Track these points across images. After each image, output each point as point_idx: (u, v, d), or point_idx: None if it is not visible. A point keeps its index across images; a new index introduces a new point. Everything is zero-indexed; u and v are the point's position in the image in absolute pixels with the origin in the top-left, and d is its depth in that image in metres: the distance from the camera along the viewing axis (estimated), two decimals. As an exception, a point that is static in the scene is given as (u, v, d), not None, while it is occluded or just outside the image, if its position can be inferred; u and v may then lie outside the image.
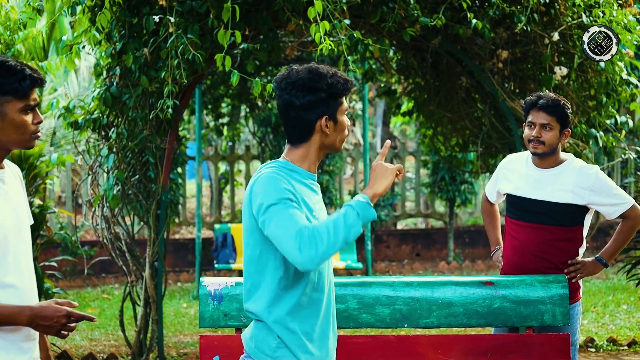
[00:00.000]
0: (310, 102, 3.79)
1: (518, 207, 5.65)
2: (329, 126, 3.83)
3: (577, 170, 5.60)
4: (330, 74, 3.83)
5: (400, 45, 9.45)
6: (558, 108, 5.57)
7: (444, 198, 15.40)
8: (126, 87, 8.25)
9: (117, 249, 8.62)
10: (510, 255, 5.63)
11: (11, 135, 3.67)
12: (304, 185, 3.84)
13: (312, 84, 3.79)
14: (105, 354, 9.13)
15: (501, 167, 5.89)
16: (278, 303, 3.78)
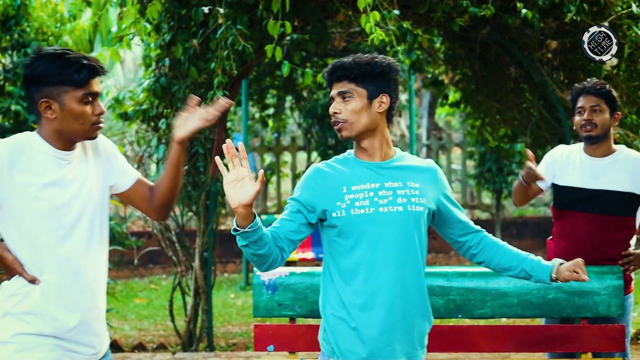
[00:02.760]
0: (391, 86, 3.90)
1: (572, 198, 5.59)
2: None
3: (633, 159, 5.56)
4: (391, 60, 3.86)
5: (448, 35, 9.42)
6: (605, 90, 5.55)
7: (490, 189, 15.33)
8: (175, 79, 8.29)
9: (167, 239, 8.67)
10: (564, 246, 5.58)
11: (71, 125, 3.72)
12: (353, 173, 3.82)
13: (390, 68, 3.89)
14: (154, 344, 9.19)
15: (551, 157, 5.80)
16: (327, 294, 3.82)
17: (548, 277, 4.02)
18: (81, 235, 3.77)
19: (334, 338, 3.79)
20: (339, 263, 3.77)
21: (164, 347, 9.02)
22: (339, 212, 3.73)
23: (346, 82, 3.78)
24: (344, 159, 3.88)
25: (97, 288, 3.83)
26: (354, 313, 3.74)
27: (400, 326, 3.80)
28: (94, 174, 3.88)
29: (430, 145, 16.94)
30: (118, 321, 10.56)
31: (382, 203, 3.74)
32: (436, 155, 16.97)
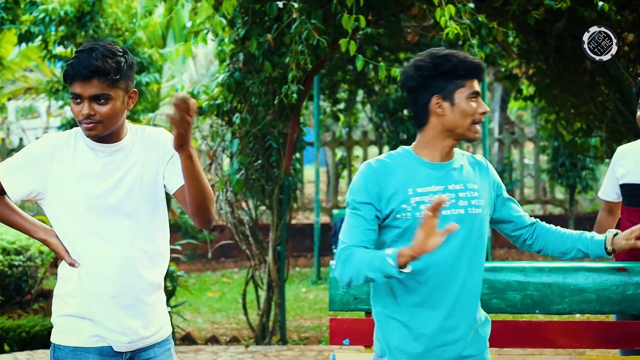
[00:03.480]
0: (419, 82, 3.67)
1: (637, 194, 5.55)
2: (442, 107, 3.66)
3: None
4: (444, 54, 3.67)
5: (522, 28, 9.33)
6: None
7: (564, 184, 15.17)
8: (249, 73, 8.33)
9: (241, 233, 8.72)
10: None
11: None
12: (416, 174, 3.69)
13: (420, 63, 3.68)
14: (227, 337, 9.25)
15: (614, 158, 5.72)
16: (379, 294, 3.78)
17: (603, 250, 4.01)
18: (121, 225, 3.82)
19: (384, 337, 3.75)
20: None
21: (237, 340, 9.08)
22: (404, 215, 3.65)
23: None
24: (402, 155, 3.76)
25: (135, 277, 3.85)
26: (410, 312, 3.70)
27: (461, 330, 3.74)
28: (150, 166, 3.91)
29: (503, 139, 16.81)
30: (191, 314, 10.65)
31: (445, 206, 3.65)
32: (508, 149, 16.85)
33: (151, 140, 3.95)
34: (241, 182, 8.48)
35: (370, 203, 3.64)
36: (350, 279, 3.58)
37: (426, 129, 3.72)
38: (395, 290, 3.71)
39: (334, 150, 16.64)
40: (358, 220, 3.65)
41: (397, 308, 3.71)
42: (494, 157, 17.36)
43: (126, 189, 3.84)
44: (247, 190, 8.66)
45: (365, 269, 3.50)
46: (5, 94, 16.39)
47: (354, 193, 3.69)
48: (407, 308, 3.70)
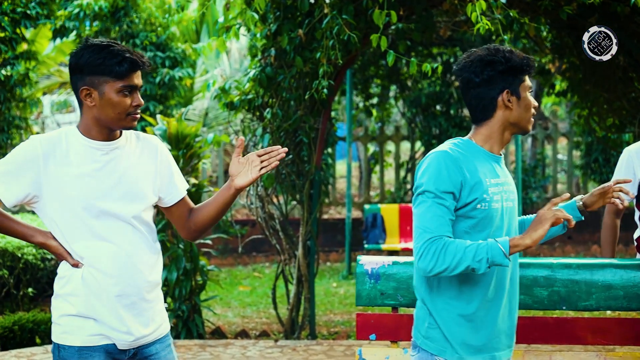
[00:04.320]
0: (489, 76, 3.75)
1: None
2: (511, 101, 3.76)
3: None
4: (508, 50, 3.78)
5: (555, 24, 9.29)
6: None
7: (597, 180, 15.09)
8: (281, 68, 8.35)
9: (271, 227, 8.75)
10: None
11: (108, 113, 3.86)
12: (484, 165, 3.77)
13: (489, 58, 3.75)
14: (257, 331, 9.28)
15: (629, 159, 5.73)
16: (433, 282, 3.79)
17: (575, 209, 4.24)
18: (121, 224, 3.90)
19: (449, 332, 3.76)
20: None
21: (266, 334, 9.11)
22: (484, 205, 3.71)
23: None
24: (466, 146, 3.81)
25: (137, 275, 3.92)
26: (477, 305, 3.76)
27: (507, 318, 3.87)
28: (145, 171, 4.01)
29: (536, 135, 16.73)
30: (222, 308, 10.69)
31: (505, 198, 3.80)
32: (542, 145, 16.77)
33: (146, 145, 4.07)
34: (272, 177, 8.51)
35: (452, 192, 3.68)
36: (445, 268, 3.60)
37: (489, 123, 3.83)
38: (463, 286, 3.76)
39: (367, 145, 16.63)
40: (442, 210, 3.67)
41: (461, 302, 3.76)
42: (526, 153, 17.29)
43: (125, 189, 3.92)
44: (278, 185, 8.69)
45: (469, 259, 3.56)
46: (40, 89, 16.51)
47: (435, 182, 3.69)
48: (473, 301, 3.76)
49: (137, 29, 11.93)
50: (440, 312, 3.78)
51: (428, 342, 3.81)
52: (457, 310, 3.76)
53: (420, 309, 3.86)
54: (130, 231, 3.92)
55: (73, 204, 3.83)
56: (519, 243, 3.58)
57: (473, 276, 3.74)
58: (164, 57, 12.12)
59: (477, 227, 3.72)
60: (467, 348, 3.76)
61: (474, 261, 3.56)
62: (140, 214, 3.96)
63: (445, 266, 3.58)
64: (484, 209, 3.70)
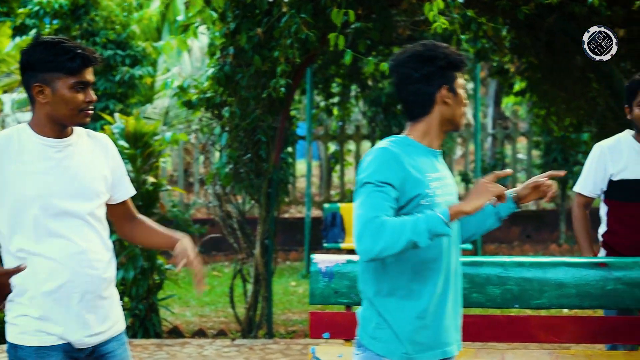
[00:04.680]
0: (429, 72, 3.74)
1: (636, 190, 5.65)
2: (449, 97, 3.76)
3: None
4: (445, 46, 3.79)
5: (514, 23, 9.33)
6: None
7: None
8: (239, 67, 8.34)
9: (229, 226, 8.73)
10: (635, 236, 5.66)
11: (61, 110, 3.84)
12: (424, 160, 3.74)
13: (429, 54, 3.74)
14: (215, 330, 9.26)
15: (602, 155, 5.79)
16: (382, 281, 3.75)
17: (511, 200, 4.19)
18: (76, 222, 3.88)
19: (401, 332, 3.71)
20: (412, 253, 3.66)
21: (224, 333, 9.09)
22: (427, 200, 3.68)
23: None
24: (404, 143, 3.77)
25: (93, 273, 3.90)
26: (428, 302, 3.72)
27: (454, 313, 3.85)
28: (98, 168, 4.00)
29: (496, 134, 16.82)
30: (180, 307, 10.66)
31: (446, 192, 3.80)
32: (502, 144, 16.85)
33: (97, 142, 4.07)
34: (229, 176, 8.49)
35: (393, 184, 3.62)
36: (383, 247, 3.50)
37: (427, 119, 3.79)
38: (409, 283, 3.72)
39: (327, 144, 16.64)
40: (382, 197, 3.61)
41: (411, 300, 3.72)
42: (486, 152, 17.37)
43: (79, 186, 3.90)
44: (236, 183, 8.67)
45: (409, 232, 3.49)
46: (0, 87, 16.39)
47: (375, 174, 3.64)
48: (423, 298, 3.72)
49: (98, 27, 11.87)
50: (391, 312, 3.73)
51: (375, 342, 3.75)
52: (408, 308, 3.72)
53: (367, 309, 3.80)
54: (85, 228, 3.90)
55: (29, 202, 3.79)
56: (459, 209, 3.56)
57: (422, 273, 3.71)
58: (124, 55, 12.07)
59: None
60: (418, 346, 3.73)
61: (414, 234, 3.49)
62: (94, 211, 3.95)
63: (385, 243, 3.50)
64: (428, 204, 3.66)
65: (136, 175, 8.58)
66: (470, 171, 15.83)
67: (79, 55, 3.81)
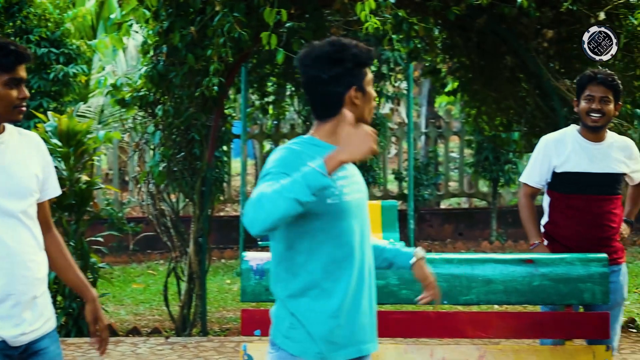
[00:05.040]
0: (337, 74, 3.65)
1: (579, 182, 5.83)
2: (358, 97, 3.69)
3: (623, 142, 5.99)
4: (353, 44, 3.70)
5: (445, 24, 9.45)
6: (614, 82, 5.82)
7: (487, 178, 15.35)
8: (173, 65, 8.34)
9: (162, 225, 8.73)
10: (577, 227, 5.83)
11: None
12: None
13: (337, 55, 3.66)
14: (149, 329, 9.25)
15: (547, 147, 5.96)
16: (293, 281, 3.70)
17: (409, 264, 4.10)
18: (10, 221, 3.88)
19: (315, 331, 3.67)
20: (322, 252, 3.66)
21: (158, 331, 9.08)
22: (334, 199, 3.64)
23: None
24: (310, 143, 3.72)
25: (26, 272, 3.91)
26: (340, 301, 3.67)
27: (369, 310, 3.82)
28: (30, 166, 4.00)
29: (429, 133, 16.96)
30: (114, 306, 10.63)
31: (355, 189, 3.76)
32: (434, 143, 17.00)
33: (28, 141, 4.06)
34: (163, 174, 8.48)
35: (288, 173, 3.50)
36: (267, 214, 3.37)
37: (335, 119, 3.70)
38: (322, 281, 3.67)
39: (262, 143, 16.67)
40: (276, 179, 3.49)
41: (324, 299, 3.67)
42: (419, 151, 17.50)
43: (13, 184, 3.90)
44: (170, 182, 8.67)
45: (288, 192, 3.35)
46: None
47: (277, 167, 3.59)
48: (337, 297, 3.67)
49: (31, 24, 11.78)
50: (304, 312, 3.68)
51: (289, 342, 3.71)
52: (322, 308, 3.67)
53: (279, 309, 3.76)
54: (19, 227, 3.89)
55: None
56: (337, 159, 3.39)
57: (334, 272, 3.67)
58: (58, 53, 11.98)
59: (332, 221, 3.65)
60: (333, 345, 3.69)
61: (293, 192, 3.35)
62: (27, 209, 3.94)
63: (266, 210, 3.37)
64: (334, 203, 3.64)
65: (69, 174, 8.54)
66: (404, 170, 15.94)
67: (12, 52, 3.81)
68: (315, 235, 3.67)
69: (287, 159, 3.63)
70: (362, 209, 3.80)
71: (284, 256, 3.72)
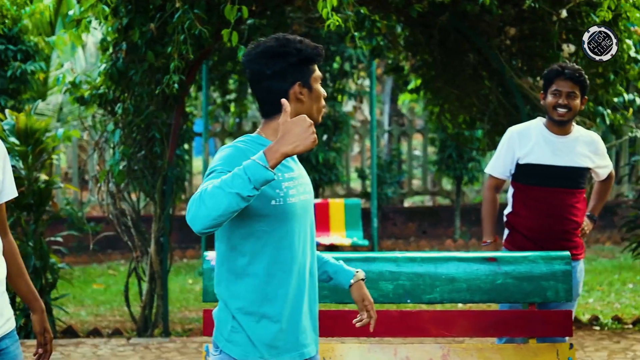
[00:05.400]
0: (281, 69, 3.60)
1: (543, 175, 5.91)
2: (303, 93, 3.63)
3: (589, 136, 6.04)
4: (299, 40, 3.64)
5: (408, 21, 9.42)
6: (582, 77, 5.89)
7: (451, 176, 15.38)
8: (132, 63, 8.25)
9: (123, 224, 8.64)
10: (538, 219, 5.92)
11: None
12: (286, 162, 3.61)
13: (280, 50, 3.61)
14: (110, 330, 9.16)
15: (511, 139, 6.02)
16: (236, 283, 3.63)
17: (348, 284, 4.01)
18: None
19: (255, 336, 3.61)
20: (264, 254, 3.60)
21: (119, 332, 8.98)
22: (278, 200, 3.57)
23: None
24: (255, 142, 3.63)
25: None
26: (281, 305, 3.62)
27: (310, 313, 3.76)
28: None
29: (392, 131, 16.96)
30: (75, 307, 10.51)
31: (301, 191, 3.68)
32: (398, 141, 17.00)
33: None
34: (123, 173, 8.39)
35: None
36: (208, 210, 3.29)
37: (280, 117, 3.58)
38: (266, 286, 3.61)
39: (224, 141, 16.59)
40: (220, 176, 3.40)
41: (265, 304, 3.61)
42: (382, 149, 17.51)
43: None
44: (130, 181, 8.58)
45: (229, 187, 3.27)
46: None
47: (220, 165, 3.50)
48: (278, 302, 3.61)
49: (-12, 21, 11.64)
50: (244, 317, 3.62)
51: (231, 345, 3.64)
52: (263, 312, 3.61)
53: (222, 311, 3.69)
54: None
55: None
56: (279, 151, 3.30)
57: (276, 275, 3.61)
58: (16, 50, 11.85)
59: (276, 223, 3.58)
60: (275, 350, 3.63)
61: (235, 186, 3.26)
62: None
63: (207, 207, 3.29)
64: (279, 204, 3.57)
65: (27, 173, 8.43)
66: (367, 167, 15.93)
67: None
68: (259, 237, 3.60)
69: (232, 156, 3.54)
70: (308, 210, 3.74)
71: (227, 257, 3.65)
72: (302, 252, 3.69)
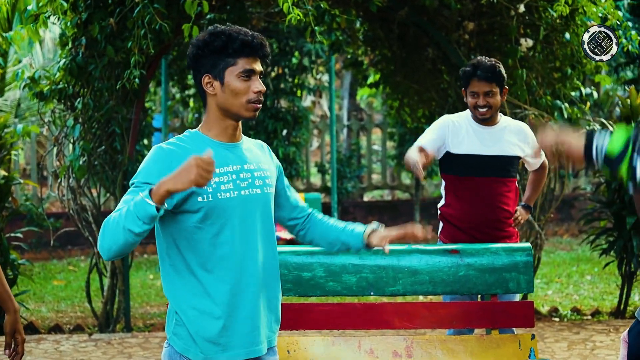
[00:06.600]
0: (195, 60, 3.60)
1: (472, 165, 5.91)
2: (213, 86, 3.58)
3: (517, 126, 6.05)
4: (226, 31, 3.57)
5: (367, 16, 9.46)
6: (496, 74, 5.82)
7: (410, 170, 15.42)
8: (92, 58, 8.22)
9: (84, 220, 8.60)
10: (469, 209, 5.94)
11: None
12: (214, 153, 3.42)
13: (198, 42, 3.59)
14: (71, 325, 9.12)
15: (444, 127, 5.96)
16: (176, 279, 3.60)
17: (361, 243, 4.04)
18: None
19: (194, 331, 3.59)
20: (200, 250, 3.57)
21: (80, 328, 8.95)
22: (205, 197, 3.52)
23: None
24: (191, 138, 3.63)
25: None
26: (222, 301, 3.58)
27: (265, 310, 3.72)
28: None
29: (351, 126, 17.01)
30: (35, 303, 10.45)
31: (243, 186, 3.62)
32: (357, 136, 17.05)
33: None
34: (83, 169, 8.35)
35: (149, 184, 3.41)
36: (110, 243, 3.35)
37: (207, 110, 3.65)
38: (204, 282, 3.58)
39: (183, 136, 16.56)
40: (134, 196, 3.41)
41: (207, 299, 3.58)
42: (342, 144, 17.54)
43: None
44: (91, 176, 8.55)
45: (123, 223, 3.30)
46: None
47: (141, 174, 3.51)
48: (220, 297, 3.58)
49: (-57, 16, 11.54)
50: (185, 311, 3.60)
51: (175, 338, 3.63)
52: (202, 308, 3.59)
53: (170, 305, 3.68)
54: None
55: None
56: (164, 188, 3.26)
57: (215, 272, 3.58)
58: (-28, 46, 11.76)
59: (207, 220, 3.55)
60: (216, 347, 3.60)
61: (127, 222, 3.29)
62: None
63: (107, 240, 3.36)
64: (207, 201, 3.53)
65: (-14, 169, 8.38)
66: (327, 162, 15.95)
67: None
68: (192, 233, 3.57)
69: (153, 164, 3.53)
70: (253, 204, 3.66)
71: (167, 253, 3.63)
72: (249, 248, 3.64)
